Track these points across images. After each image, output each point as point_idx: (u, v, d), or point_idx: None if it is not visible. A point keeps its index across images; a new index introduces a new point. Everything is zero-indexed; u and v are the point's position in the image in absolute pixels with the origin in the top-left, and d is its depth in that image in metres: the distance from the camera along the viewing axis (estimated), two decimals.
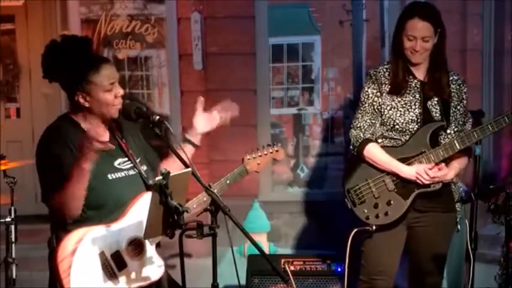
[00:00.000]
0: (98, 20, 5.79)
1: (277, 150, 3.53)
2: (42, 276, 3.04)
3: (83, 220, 2.94)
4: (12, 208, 3.82)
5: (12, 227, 3.78)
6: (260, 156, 3.48)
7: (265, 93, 5.61)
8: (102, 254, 2.88)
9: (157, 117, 2.80)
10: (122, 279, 2.90)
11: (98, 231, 2.90)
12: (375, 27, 5.50)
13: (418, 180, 3.42)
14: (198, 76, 5.52)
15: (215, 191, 3.04)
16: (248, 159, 3.44)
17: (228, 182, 3.34)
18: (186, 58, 5.54)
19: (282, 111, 5.83)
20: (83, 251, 2.86)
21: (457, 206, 3.59)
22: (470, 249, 3.66)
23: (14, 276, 3.76)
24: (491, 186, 3.62)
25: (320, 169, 5.68)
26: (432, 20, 3.44)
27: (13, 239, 3.78)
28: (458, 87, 3.58)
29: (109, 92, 2.96)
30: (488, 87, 5.52)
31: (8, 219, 3.78)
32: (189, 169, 2.70)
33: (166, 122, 2.80)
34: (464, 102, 3.59)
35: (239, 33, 5.49)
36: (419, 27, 3.42)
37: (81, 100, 2.96)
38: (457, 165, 3.53)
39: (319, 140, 5.84)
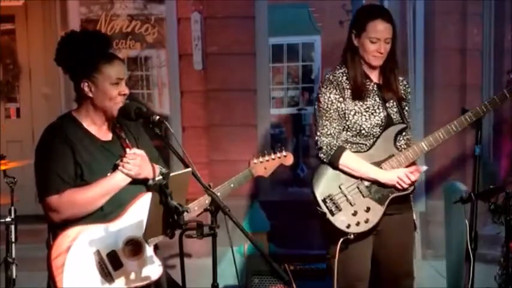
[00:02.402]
0: (98, 20, 5.79)
1: (285, 156, 3.51)
2: (42, 276, 3.04)
3: (81, 218, 2.94)
4: (12, 208, 3.82)
5: (12, 227, 3.78)
6: (267, 160, 3.45)
7: (265, 93, 5.61)
8: (97, 253, 2.88)
9: (157, 117, 2.81)
10: (118, 279, 2.89)
11: (94, 229, 2.90)
12: None
13: (397, 185, 3.41)
14: (198, 76, 5.52)
15: (218, 194, 3.04)
16: (255, 163, 3.42)
17: (232, 185, 3.33)
18: (186, 58, 5.54)
19: (282, 111, 5.83)
20: (77, 249, 2.85)
21: (412, 205, 3.59)
22: (470, 249, 3.66)
23: (14, 276, 3.76)
24: (491, 186, 3.62)
25: None
26: (392, 21, 3.44)
27: (13, 239, 3.78)
28: (404, 88, 3.60)
29: (114, 86, 2.98)
30: (488, 87, 5.51)
31: (8, 219, 3.78)
32: (189, 169, 2.70)
33: (166, 122, 2.81)
34: (409, 103, 3.62)
35: (239, 33, 5.49)
36: (383, 29, 3.41)
37: (86, 89, 2.98)
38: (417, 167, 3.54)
39: None
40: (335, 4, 5.63)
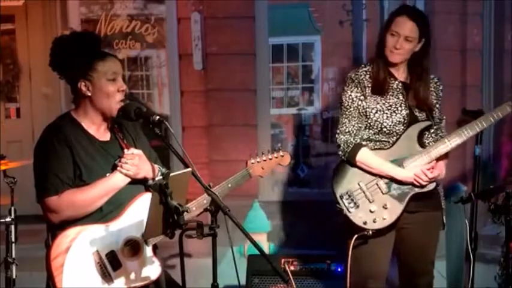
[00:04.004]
0: (98, 20, 5.78)
1: (282, 156, 3.52)
2: (42, 276, 3.04)
3: (80, 218, 2.94)
4: (12, 208, 3.82)
5: (12, 227, 3.78)
6: (264, 160, 3.46)
7: (265, 93, 5.61)
8: (96, 253, 2.88)
9: (157, 117, 2.81)
10: (117, 279, 2.90)
11: (93, 230, 2.90)
12: (375, 27, 5.48)
13: (415, 182, 3.42)
14: (198, 76, 5.52)
15: (216, 193, 3.04)
16: (252, 163, 3.43)
17: (229, 185, 3.34)
18: (186, 58, 5.54)
19: (282, 111, 5.82)
20: (77, 249, 2.86)
21: (442, 203, 3.60)
22: (470, 249, 3.66)
23: (14, 276, 3.76)
24: (491, 186, 3.63)
25: (320, 169, 5.67)
26: (420, 23, 3.44)
27: (13, 239, 3.78)
28: (435, 85, 3.60)
29: (112, 83, 2.98)
30: (488, 87, 5.51)
31: (8, 219, 3.78)
32: (189, 169, 2.70)
33: (166, 122, 2.81)
34: (440, 100, 3.61)
35: (239, 33, 5.48)
36: (405, 26, 3.42)
37: (84, 88, 2.99)
38: (443, 164, 3.54)
39: (319, 140, 5.83)
40: (335, 4, 5.62)
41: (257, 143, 5.47)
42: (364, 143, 3.50)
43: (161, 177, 3.06)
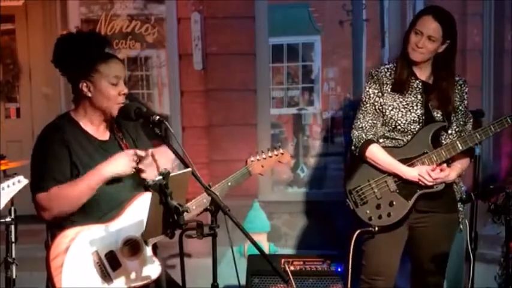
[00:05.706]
0: (98, 20, 5.78)
1: (282, 153, 3.53)
2: (42, 276, 3.04)
3: (80, 219, 2.94)
4: (12, 208, 3.82)
5: (12, 227, 3.78)
6: (264, 158, 3.47)
7: (265, 93, 5.61)
8: (95, 253, 2.88)
9: (157, 117, 2.81)
10: (117, 279, 2.90)
11: (93, 230, 2.90)
12: (375, 27, 5.48)
13: (420, 182, 3.43)
14: (198, 76, 5.52)
15: (216, 192, 3.04)
16: (252, 161, 3.44)
17: (229, 184, 3.35)
18: (186, 58, 5.54)
19: (282, 111, 5.82)
20: (76, 249, 2.86)
21: (459, 206, 3.59)
22: (470, 249, 3.67)
23: (14, 276, 3.76)
24: (491, 186, 3.63)
25: (320, 169, 5.67)
26: (445, 25, 3.45)
27: (13, 239, 3.78)
28: (460, 87, 3.59)
29: (113, 86, 2.98)
30: (488, 87, 5.50)
31: (8, 219, 3.77)
32: (189, 169, 2.71)
33: (166, 122, 2.81)
34: (466, 102, 3.61)
35: (239, 33, 5.49)
36: (429, 25, 3.43)
37: (85, 89, 2.98)
38: (459, 165, 3.54)
39: (319, 140, 5.83)
40: (335, 4, 5.62)
41: (257, 143, 5.47)
42: (381, 140, 3.52)
43: (161, 177, 3.06)
